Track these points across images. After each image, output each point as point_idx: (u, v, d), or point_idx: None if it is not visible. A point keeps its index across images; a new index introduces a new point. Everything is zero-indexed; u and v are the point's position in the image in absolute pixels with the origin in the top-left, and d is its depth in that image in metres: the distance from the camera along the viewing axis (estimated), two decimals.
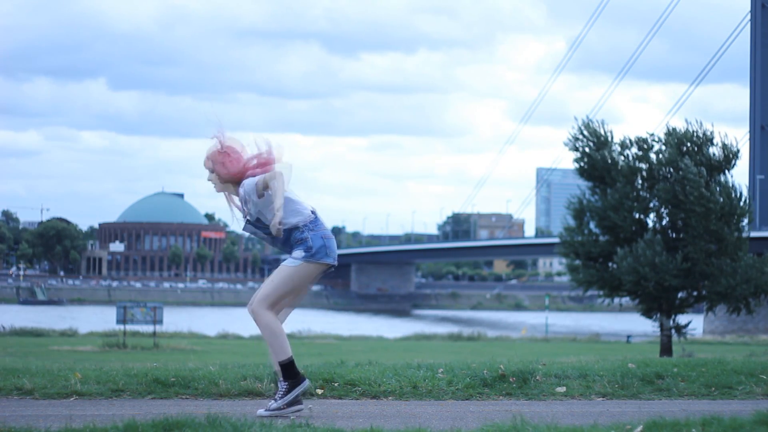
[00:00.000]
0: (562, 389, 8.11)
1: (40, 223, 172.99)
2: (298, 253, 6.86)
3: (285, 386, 6.81)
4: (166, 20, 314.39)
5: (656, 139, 29.20)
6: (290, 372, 6.81)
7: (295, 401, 6.79)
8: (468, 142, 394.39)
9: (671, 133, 28.85)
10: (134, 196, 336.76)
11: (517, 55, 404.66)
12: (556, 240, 31.67)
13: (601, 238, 29.11)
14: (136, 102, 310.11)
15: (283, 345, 6.80)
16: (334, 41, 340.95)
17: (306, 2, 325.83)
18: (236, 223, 7.05)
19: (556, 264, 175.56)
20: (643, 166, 29.06)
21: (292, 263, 6.86)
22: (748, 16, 69.27)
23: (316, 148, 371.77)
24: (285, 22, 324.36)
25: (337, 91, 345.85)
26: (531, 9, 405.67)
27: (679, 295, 29.18)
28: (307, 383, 6.88)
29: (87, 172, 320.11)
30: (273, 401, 6.79)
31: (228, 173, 6.93)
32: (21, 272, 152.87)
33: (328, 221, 7.09)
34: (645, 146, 29.05)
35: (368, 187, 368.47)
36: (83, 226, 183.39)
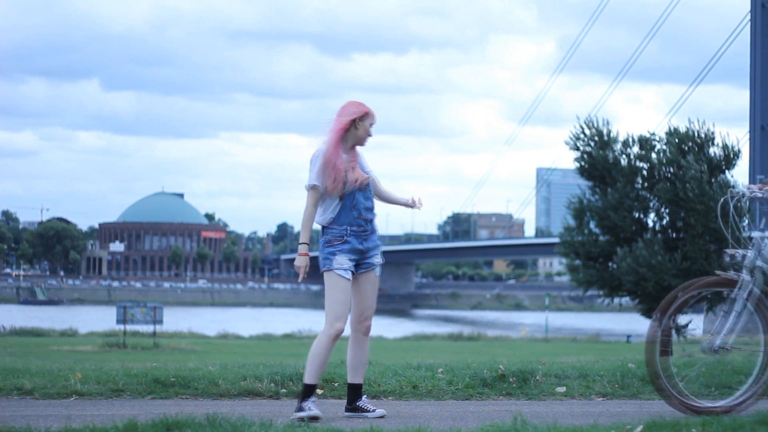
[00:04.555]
0: (562, 389, 8.10)
1: (40, 223, 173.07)
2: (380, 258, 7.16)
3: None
4: (159, 21, 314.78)
5: (657, 138, 29.22)
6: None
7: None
8: (463, 142, 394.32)
9: (672, 133, 28.87)
10: (132, 196, 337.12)
11: (509, 56, 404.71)
12: (556, 240, 31.67)
13: (601, 238, 29.08)
14: (132, 102, 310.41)
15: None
16: (327, 42, 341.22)
17: (298, 3, 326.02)
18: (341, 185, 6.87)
19: (556, 264, 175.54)
20: (644, 165, 29.08)
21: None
22: (748, 17, 69.27)
23: (312, 148, 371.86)
24: (277, 24, 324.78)
25: (331, 91, 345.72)
26: (522, 10, 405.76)
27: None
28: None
29: (84, 172, 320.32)
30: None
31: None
32: (21, 273, 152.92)
33: None
34: (647, 145, 29.07)
35: None
36: (82, 226, 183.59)
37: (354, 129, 6.90)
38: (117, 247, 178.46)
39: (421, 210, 7.28)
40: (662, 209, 29.20)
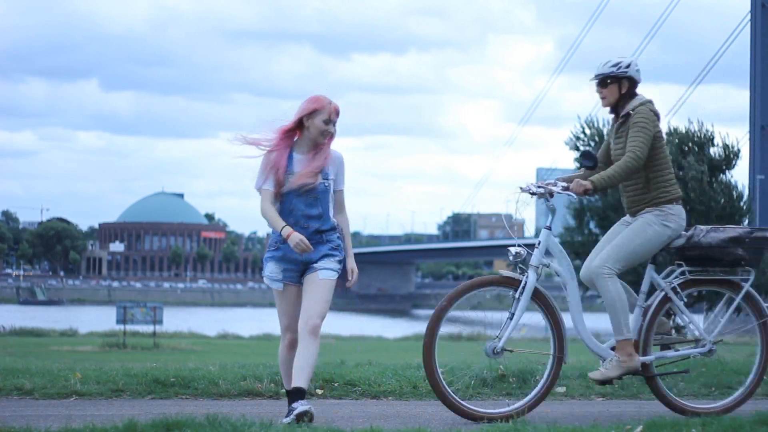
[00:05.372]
0: (562, 389, 8.11)
1: (40, 223, 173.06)
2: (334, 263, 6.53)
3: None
4: (159, 21, 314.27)
5: None
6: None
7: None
8: (462, 142, 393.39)
9: (672, 133, 28.89)
10: (132, 196, 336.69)
11: (508, 56, 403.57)
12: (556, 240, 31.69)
13: (601, 238, 29.16)
14: (131, 102, 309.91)
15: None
16: (326, 42, 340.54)
17: (297, 4, 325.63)
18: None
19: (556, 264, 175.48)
20: None
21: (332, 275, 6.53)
22: (748, 17, 69.23)
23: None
24: (276, 24, 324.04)
25: (330, 91, 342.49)
26: (521, 10, 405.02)
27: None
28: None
29: (84, 172, 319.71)
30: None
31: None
32: (21, 273, 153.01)
33: None
34: None
35: (366, 187, 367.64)
36: (82, 226, 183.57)
37: (305, 129, 6.49)
38: (117, 247, 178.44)
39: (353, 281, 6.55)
40: None
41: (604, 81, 6.92)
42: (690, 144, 28.69)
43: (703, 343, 7.10)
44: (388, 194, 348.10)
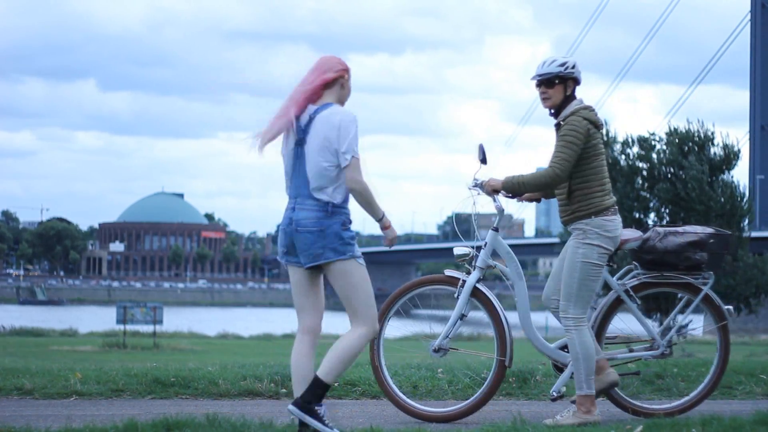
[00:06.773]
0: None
1: (40, 223, 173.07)
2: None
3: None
4: (155, 22, 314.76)
5: (657, 138, 29.20)
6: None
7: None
8: (461, 142, 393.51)
9: (672, 133, 28.86)
10: (131, 196, 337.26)
11: (505, 57, 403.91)
12: (556, 240, 31.65)
13: None
14: (129, 102, 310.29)
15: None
16: (323, 42, 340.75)
17: (293, 4, 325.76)
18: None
19: (556, 264, 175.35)
20: (644, 165, 29.06)
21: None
22: (748, 17, 69.25)
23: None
24: (273, 24, 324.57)
25: None
26: (517, 11, 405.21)
27: (679, 295, 29.19)
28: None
29: (83, 173, 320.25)
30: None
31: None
32: (21, 273, 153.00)
33: None
34: (646, 145, 29.05)
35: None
36: (82, 226, 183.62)
37: (339, 87, 5.86)
38: (117, 247, 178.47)
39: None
40: (662, 209, 29.19)
41: (551, 81, 6.62)
42: (690, 144, 28.65)
43: (657, 345, 6.95)
44: (388, 194, 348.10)
